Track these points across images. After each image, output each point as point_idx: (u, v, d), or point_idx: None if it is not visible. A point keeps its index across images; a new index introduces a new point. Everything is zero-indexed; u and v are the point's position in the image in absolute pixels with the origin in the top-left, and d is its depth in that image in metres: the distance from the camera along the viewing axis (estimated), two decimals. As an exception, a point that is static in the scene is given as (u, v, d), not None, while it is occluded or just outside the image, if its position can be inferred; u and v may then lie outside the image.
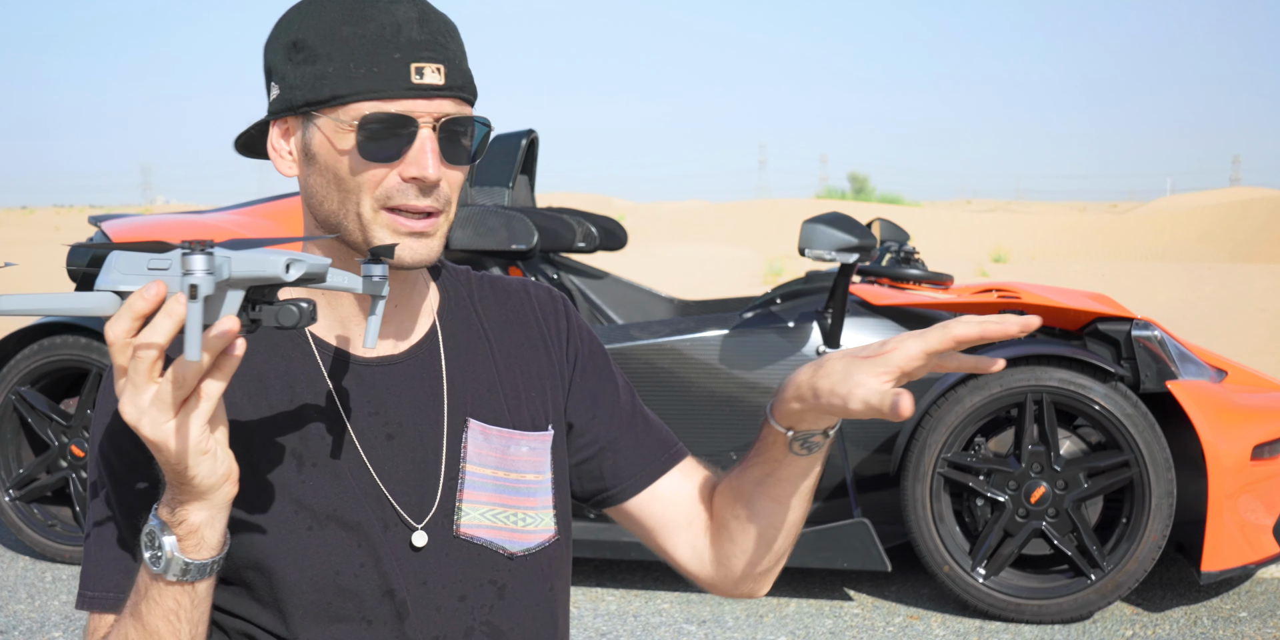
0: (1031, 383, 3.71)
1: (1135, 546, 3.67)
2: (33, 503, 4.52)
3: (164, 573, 1.07)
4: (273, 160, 1.23)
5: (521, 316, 1.37)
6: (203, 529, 1.07)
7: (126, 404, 0.99)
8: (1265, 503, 3.81)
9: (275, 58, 1.20)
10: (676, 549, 1.39)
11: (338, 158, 1.17)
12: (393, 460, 1.24)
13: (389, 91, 1.15)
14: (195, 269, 0.94)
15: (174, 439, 1.00)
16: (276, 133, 1.22)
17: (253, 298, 1.01)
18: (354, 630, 1.21)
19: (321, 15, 1.17)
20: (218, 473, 1.04)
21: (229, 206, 4.92)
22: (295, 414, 1.22)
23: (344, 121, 1.15)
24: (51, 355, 4.41)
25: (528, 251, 4.24)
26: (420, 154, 1.16)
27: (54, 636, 3.78)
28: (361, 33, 1.15)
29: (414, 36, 1.16)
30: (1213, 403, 3.72)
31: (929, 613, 3.92)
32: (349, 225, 1.19)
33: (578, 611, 3.91)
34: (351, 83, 1.15)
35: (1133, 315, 3.89)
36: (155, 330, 0.96)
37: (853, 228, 3.82)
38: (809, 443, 1.25)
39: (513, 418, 1.31)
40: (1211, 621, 3.81)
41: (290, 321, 1.00)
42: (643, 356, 4.03)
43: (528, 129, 5.13)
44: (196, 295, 0.93)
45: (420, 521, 1.24)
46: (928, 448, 3.76)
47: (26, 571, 4.43)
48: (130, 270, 1.00)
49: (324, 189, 1.20)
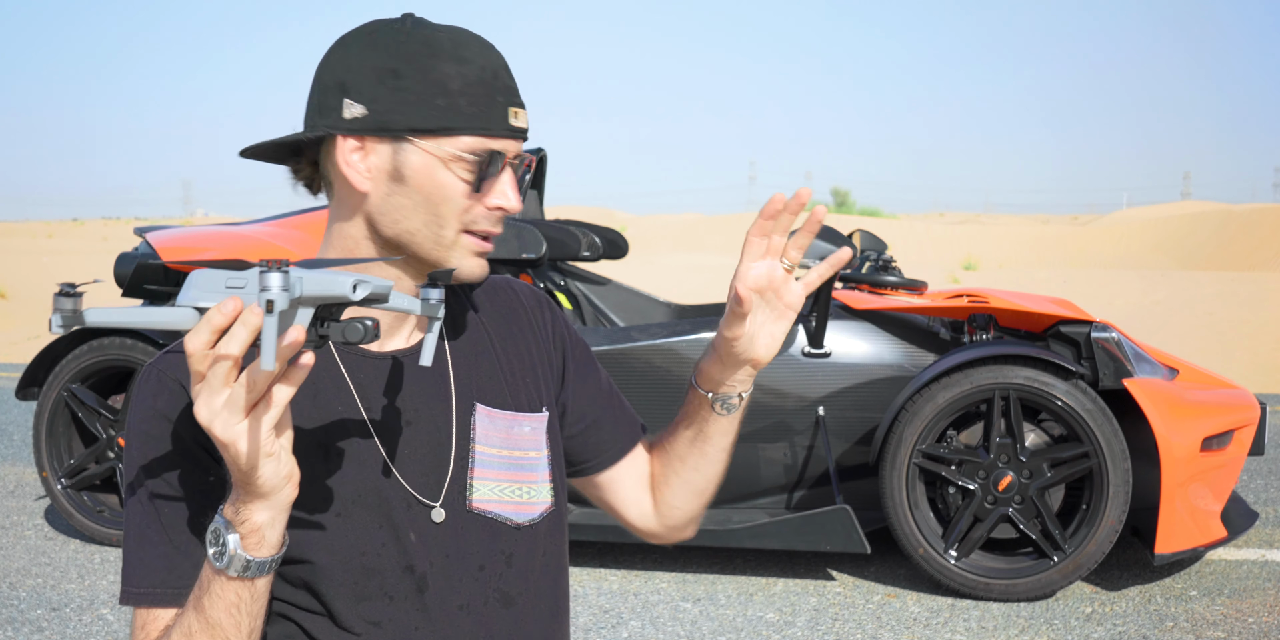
0: (999, 380, 3.71)
1: (1094, 530, 3.67)
2: (83, 491, 4.52)
3: (226, 568, 1.06)
4: (346, 174, 1.20)
5: (511, 310, 1.39)
6: (264, 529, 1.06)
7: (201, 406, 0.99)
8: (1214, 490, 3.81)
9: (360, 79, 1.18)
10: (628, 509, 1.47)
11: (440, 184, 1.19)
12: (411, 444, 1.25)
13: (494, 130, 1.19)
14: (272, 286, 0.95)
15: (244, 440, 1.00)
16: (349, 147, 1.20)
17: (321, 315, 1.02)
18: (378, 606, 1.22)
19: (419, 49, 1.17)
20: (280, 475, 1.04)
21: (263, 218, 4.92)
22: (320, 408, 1.23)
23: (450, 151, 1.18)
24: (100, 355, 4.41)
25: (537, 260, 4.24)
26: (508, 188, 1.22)
27: (102, 613, 3.78)
28: (465, 73, 1.18)
29: (507, 83, 1.21)
30: (1165, 398, 3.72)
31: (905, 591, 3.92)
32: (427, 244, 1.21)
33: (582, 590, 3.91)
34: (464, 118, 1.17)
35: (1092, 318, 3.89)
36: (232, 340, 0.97)
37: (835, 238, 3.83)
38: (728, 404, 1.37)
39: (514, 401, 1.33)
40: (1164, 599, 3.80)
41: (356, 338, 1.00)
42: (642, 356, 4.03)
43: (537, 147, 5.13)
44: (273, 309, 0.94)
45: (437, 499, 1.25)
46: (904, 440, 3.75)
47: (77, 553, 4.43)
48: (209, 288, 1.01)
49: (408, 209, 1.20)
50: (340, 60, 1.20)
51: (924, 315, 4.06)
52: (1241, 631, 3.51)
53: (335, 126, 1.18)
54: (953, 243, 32.28)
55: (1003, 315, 3.98)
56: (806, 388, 3.97)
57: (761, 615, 3.70)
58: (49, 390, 4.46)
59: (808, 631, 3.57)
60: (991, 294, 4.05)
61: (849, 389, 3.97)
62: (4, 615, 3.75)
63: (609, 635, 3.55)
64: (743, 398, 1.38)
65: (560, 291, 4.95)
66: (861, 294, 4.19)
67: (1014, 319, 3.99)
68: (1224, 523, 3.85)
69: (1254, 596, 3.82)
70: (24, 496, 5.30)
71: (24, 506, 5.12)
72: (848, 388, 3.97)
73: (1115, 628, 3.55)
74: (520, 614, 1.29)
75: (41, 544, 4.56)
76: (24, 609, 3.80)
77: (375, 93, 1.17)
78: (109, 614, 3.78)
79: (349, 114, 1.18)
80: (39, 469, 4.49)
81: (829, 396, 3.97)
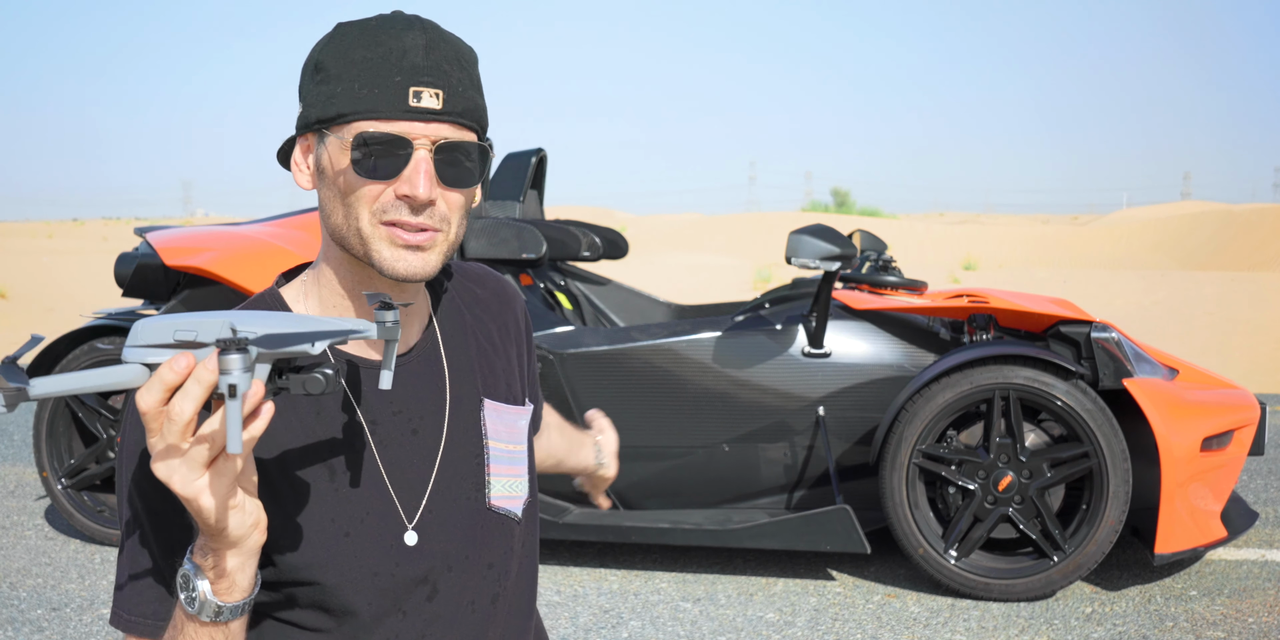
0: (999, 380, 3.71)
1: (1094, 530, 3.66)
2: (83, 490, 4.52)
3: (198, 614, 1.05)
4: (293, 174, 1.22)
5: (487, 303, 1.38)
6: (234, 574, 1.04)
7: (158, 463, 0.97)
8: (1213, 490, 3.81)
9: (302, 78, 1.20)
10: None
11: (339, 173, 1.15)
12: (419, 452, 1.23)
13: (385, 112, 1.12)
14: (233, 369, 0.91)
15: (205, 495, 0.97)
16: (299, 149, 1.21)
17: (279, 366, 0.98)
18: (391, 622, 1.20)
19: (343, 40, 1.16)
20: (246, 524, 1.02)
21: (263, 218, 4.91)
22: (323, 427, 1.20)
23: (345, 139, 1.14)
24: (100, 355, 4.40)
25: (537, 260, 4.24)
26: (413, 174, 1.14)
27: (103, 613, 3.78)
28: (370, 56, 1.13)
29: (416, 62, 1.14)
30: (1165, 399, 3.72)
31: (905, 591, 3.92)
32: (351, 238, 1.17)
33: (582, 590, 3.90)
34: (354, 102, 1.13)
35: (1092, 318, 3.89)
36: (185, 399, 0.93)
37: (835, 238, 3.82)
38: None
39: (508, 395, 1.33)
40: (1164, 599, 3.80)
41: (317, 390, 0.97)
42: (642, 356, 4.03)
43: (537, 148, 5.14)
44: (235, 394, 0.90)
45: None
46: (904, 440, 3.75)
47: (78, 553, 4.43)
48: (157, 340, 0.96)
49: (331, 203, 1.18)
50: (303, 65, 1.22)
51: (924, 315, 4.06)
52: (1241, 631, 3.51)
53: (296, 130, 1.21)
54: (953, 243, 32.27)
55: (1003, 315, 3.98)
56: (806, 388, 3.97)
57: (761, 615, 3.70)
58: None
59: (808, 631, 3.57)
60: (991, 294, 4.05)
61: (849, 389, 3.97)
62: (4, 615, 3.75)
63: (609, 635, 3.55)
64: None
65: (560, 291, 4.95)
66: (861, 294, 4.19)
67: (1014, 319, 3.99)
68: (1224, 523, 3.85)
69: (1254, 596, 3.82)
70: (24, 496, 5.30)
71: (24, 506, 5.12)
72: (848, 388, 3.97)
73: (1115, 628, 3.55)
74: (503, 609, 1.29)
75: (42, 544, 4.56)
76: (24, 609, 3.80)
77: (307, 90, 1.18)
78: (109, 613, 3.78)
79: (299, 116, 1.19)
80: (39, 469, 4.49)
81: (829, 396, 3.97)
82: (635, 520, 3.91)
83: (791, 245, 3.80)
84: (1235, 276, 17.07)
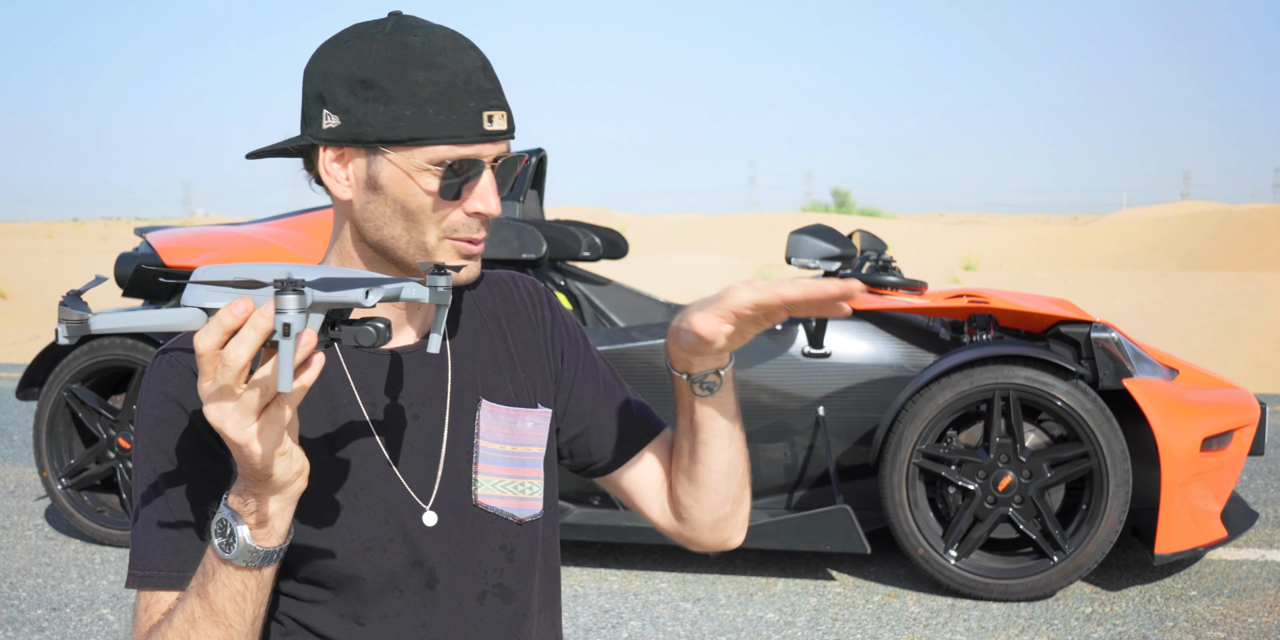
0: (999, 380, 3.71)
1: (1094, 530, 3.66)
2: (83, 490, 4.52)
3: (235, 559, 1.06)
4: (328, 183, 1.22)
5: (514, 305, 1.39)
6: (274, 519, 1.06)
7: (212, 408, 0.98)
8: (1213, 490, 3.81)
9: (335, 89, 1.18)
10: (651, 510, 1.42)
11: (412, 194, 1.18)
12: (416, 438, 1.26)
13: (465, 137, 1.17)
14: (288, 308, 0.92)
15: (256, 441, 0.99)
16: (329, 157, 1.21)
17: (332, 317, 1.00)
18: (388, 600, 1.22)
19: (390, 57, 1.17)
20: (293, 470, 1.04)
21: (263, 219, 4.92)
22: (328, 404, 1.23)
23: (417, 162, 1.17)
24: (100, 355, 4.41)
25: (537, 260, 4.25)
26: (486, 192, 1.20)
27: (103, 613, 3.78)
28: (435, 79, 1.16)
29: (483, 85, 1.18)
30: (1165, 399, 3.72)
31: (905, 591, 3.92)
32: (410, 251, 1.21)
33: (582, 590, 3.90)
34: (431, 127, 1.16)
35: (1092, 319, 3.89)
36: (242, 343, 0.95)
37: (835, 238, 3.83)
38: (705, 383, 1.27)
39: (518, 396, 1.33)
40: (1164, 599, 3.80)
41: (368, 342, 0.99)
42: (642, 356, 4.03)
43: (537, 147, 5.13)
44: (289, 333, 0.92)
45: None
46: (904, 440, 3.75)
47: (78, 553, 4.43)
48: (217, 278, 0.99)
49: (387, 217, 1.20)
50: (320, 69, 1.20)
51: (924, 315, 4.06)
52: (1241, 631, 3.51)
53: (316, 136, 1.20)
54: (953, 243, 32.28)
55: (1003, 315, 3.98)
56: (806, 388, 3.97)
57: (761, 615, 3.70)
58: (49, 390, 4.46)
59: (808, 631, 3.57)
60: (991, 294, 4.05)
61: (849, 389, 3.97)
62: (4, 615, 3.75)
63: (609, 635, 3.55)
64: (720, 374, 1.26)
65: (560, 291, 4.95)
66: (861, 294, 4.18)
67: (1014, 319, 3.99)
68: (1224, 523, 3.85)
69: (1254, 596, 3.82)
70: (24, 496, 5.30)
71: (24, 506, 5.13)
72: (848, 388, 3.97)
73: (1115, 628, 3.55)
74: (519, 610, 1.30)
75: (42, 544, 4.56)
76: (24, 609, 3.80)
77: (348, 103, 1.17)
78: (109, 614, 3.78)
79: (327, 124, 1.19)
80: (39, 469, 4.49)
81: (829, 396, 3.97)
82: (635, 520, 3.91)
83: (791, 245, 3.80)
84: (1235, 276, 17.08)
